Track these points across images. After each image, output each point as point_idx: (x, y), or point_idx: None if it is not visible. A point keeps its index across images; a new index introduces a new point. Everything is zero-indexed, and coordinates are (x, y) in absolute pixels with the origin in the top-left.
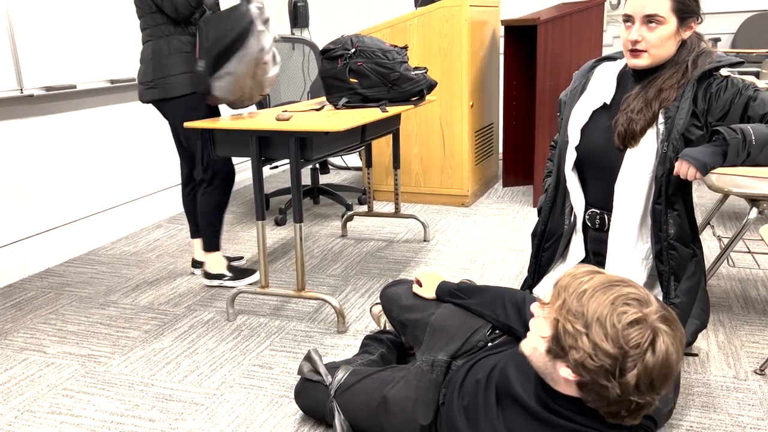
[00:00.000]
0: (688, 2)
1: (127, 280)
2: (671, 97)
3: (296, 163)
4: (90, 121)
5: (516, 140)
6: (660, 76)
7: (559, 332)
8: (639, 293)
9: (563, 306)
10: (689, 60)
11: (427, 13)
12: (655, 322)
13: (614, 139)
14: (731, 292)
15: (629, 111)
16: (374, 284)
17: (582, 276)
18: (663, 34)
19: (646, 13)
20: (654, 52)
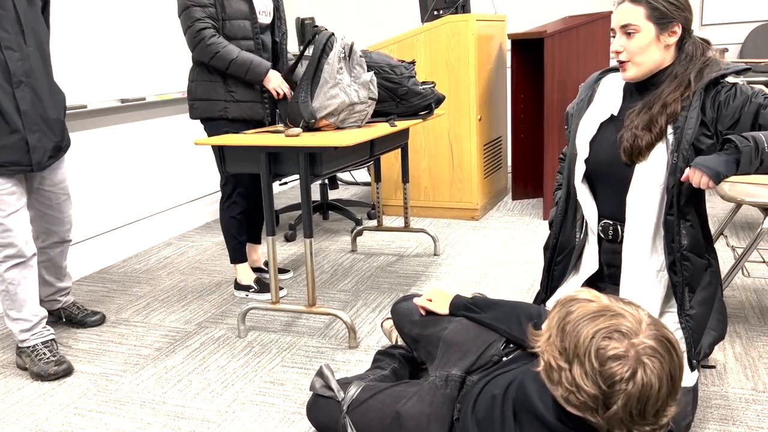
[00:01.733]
0: (664, 8)
1: (138, 298)
2: (677, 111)
3: (306, 178)
4: (101, 140)
5: (525, 153)
6: (662, 89)
7: (546, 366)
8: (627, 323)
9: (548, 340)
10: (692, 72)
11: (434, 28)
12: (640, 354)
13: (620, 155)
14: (747, 303)
15: (633, 127)
16: (385, 299)
17: (570, 305)
18: (641, 42)
19: (622, 23)
20: (637, 60)
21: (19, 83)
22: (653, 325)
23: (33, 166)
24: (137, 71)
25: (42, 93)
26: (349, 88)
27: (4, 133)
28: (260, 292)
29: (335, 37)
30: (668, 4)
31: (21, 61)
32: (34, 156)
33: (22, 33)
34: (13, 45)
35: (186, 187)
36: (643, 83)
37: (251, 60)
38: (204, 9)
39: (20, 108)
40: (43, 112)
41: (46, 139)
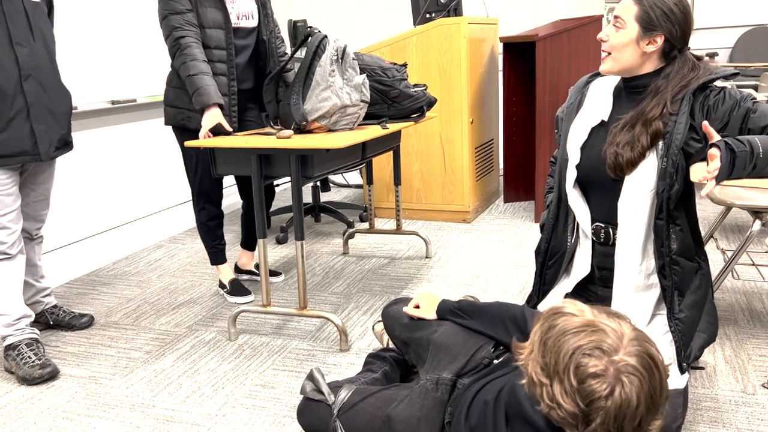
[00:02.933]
0: (653, 15)
1: (128, 301)
2: (660, 129)
3: (297, 180)
4: (91, 141)
5: (516, 156)
6: (644, 105)
7: (529, 380)
8: (608, 339)
9: (531, 354)
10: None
11: (426, 31)
12: (620, 372)
13: (607, 170)
14: (736, 305)
15: (616, 144)
16: (377, 302)
17: (553, 319)
18: (622, 38)
19: (616, 14)
20: (615, 56)
21: (27, 76)
22: (636, 340)
23: (41, 155)
24: (128, 73)
25: (48, 87)
26: (341, 91)
27: (12, 122)
28: (231, 294)
29: (328, 40)
30: (660, 12)
31: (30, 56)
32: (41, 146)
33: (30, 31)
34: (22, 41)
35: (177, 189)
36: (630, 87)
37: (201, 86)
38: (182, 16)
39: (27, 100)
40: (49, 105)
41: (52, 131)
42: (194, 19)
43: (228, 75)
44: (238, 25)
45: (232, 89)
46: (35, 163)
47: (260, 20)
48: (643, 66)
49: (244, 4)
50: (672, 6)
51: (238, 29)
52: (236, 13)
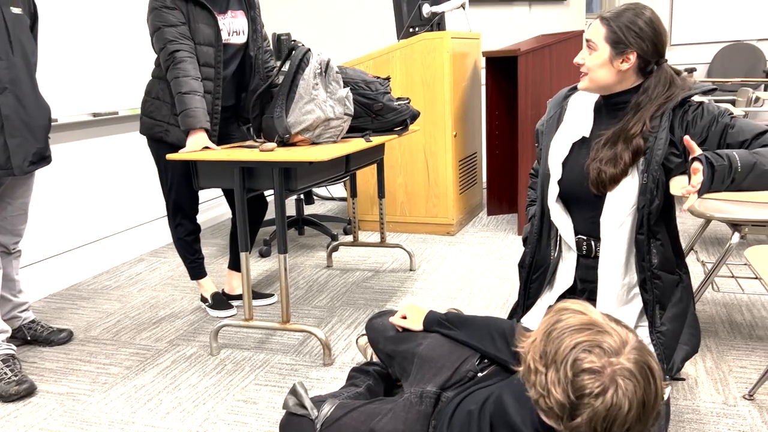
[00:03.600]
0: (621, 34)
1: (108, 315)
2: (641, 146)
3: (280, 193)
4: (72, 154)
5: (499, 169)
6: (625, 121)
7: (525, 367)
8: (612, 342)
9: (533, 342)
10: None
11: (410, 45)
12: (615, 374)
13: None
14: (717, 317)
15: (598, 161)
16: (360, 315)
17: (562, 313)
18: (596, 60)
19: (587, 37)
20: (592, 76)
21: (3, 89)
22: (638, 350)
23: (14, 169)
24: (109, 85)
25: (26, 101)
26: (324, 104)
27: None
28: (213, 308)
29: (311, 53)
30: (627, 31)
31: (7, 69)
32: (15, 160)
33: (9, 44)
34: (0, 53)
35: (159, 202)
36: (610, 103)
37: (190, 107)
38: (176, 28)
39: (2, 113)
40: (26, 118)
41: (27, 144)
42: (188, 32)
43: (213, 93)
44: (227, 41)
45: (216, 107)
46: (11, 177)
47: (249, 36)
48: (621, 83)
49: (236, 20)
50: (640, 22)
51: (228, 45)
52: (227, 30)
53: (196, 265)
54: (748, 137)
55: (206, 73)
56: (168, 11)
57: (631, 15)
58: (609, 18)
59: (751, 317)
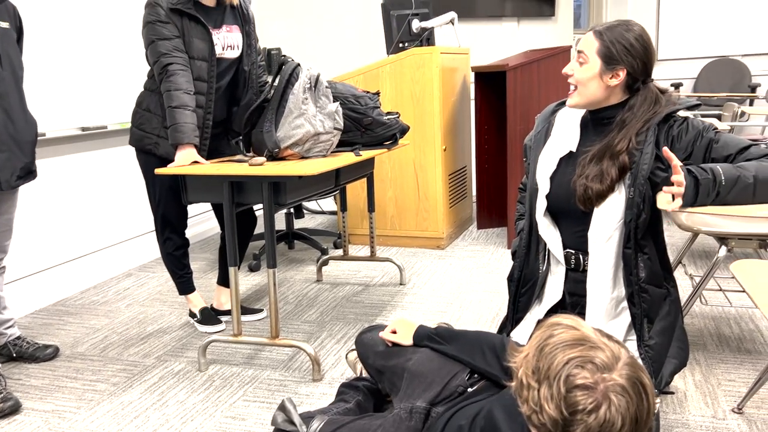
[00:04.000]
0: (614, 49)
1: (95, 331)
2: (626, 162)
3: (270, 207)
4: (60, 169)
5: (489, 183)
6: (610, 137)
7: (518, 382)
8: (604, 357)
9: (526, 357)
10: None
11: (399, 60)
12: (608, 390)
13: (576, 202)
14: (705, 331)
15: (585, 177)
16: (350, 329)
17: (554, 328)
18: (586, 74)
19: (579, 49)
20: (581, 91)
21: None
22: (630, 366)
23: (2, 184)
24: (98, 99)
25: (14, 115)
26: (314, 119)
27: None
28: (201, 323)
29: (301, 68)
30: (620, 47)
31: None
32: (2, 174)
33: None
34: None
35: (147, 216)
36: (597, 118)
37: (179, 122)
38: (170, 41)
39: None
40: (14, 133)
41: (15, 159)
42: (182, 45)
43: (205, 108)
44: (221, 55)
45: (207, 122)
46: None
47: (243, 51)
48: (608, 99)
49: (231, 35)
50: (632, 40)
51: (221, 60)
52: (222, 44)
53: (185, 280)
54: (732, 152)
55: (199, 87)
56: (162, 25)
57: (625, 32)
58: (603, 32)
59: (739, 330)
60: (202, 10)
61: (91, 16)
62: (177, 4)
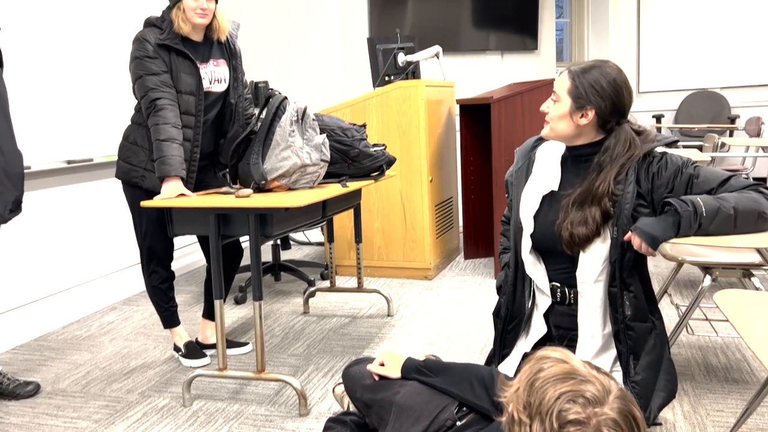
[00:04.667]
0: (582, 90)
1: (77, 367)
2: (609, 208)
3: (256, 239)
4: (45, 202)
5: (475, 213)
6: (590, 180)
7: (509, 417)
8: (595, 391)
9: (516, 392)
10: (614, 168)
11: (386, 93)
12: (600, 424)
13: (562, 247)
14: (692, 360)
15: (569, 222)
16: (337, 362)
17: (543, 362)
18: (558, 111)
19: (554, 88)
20: (553, 126)
21: None
22: (622, 399)
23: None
24: (84, 132)
25: (4, 148)
26: (301, 151)
27: None
28: (186, 357)
29: (288, 101)
30: (589, 87)
31: None
32: None
33: None
34: None
35: (132, 249)
36: (574, 155)
37: (166, 155)
38: (158, 77)
39: None
40: (5, 165)
41: (7, 193)
42: (170, 80)
43: (192, 141)
44: (209, 89)
45: (194, 155)
46: None
47: (230, 84)
48: (580, 137)
49: (218, 69)
50: (603, 83)
51: (209, 93)
52: (209, 78)
53: (170, 313)
54: (713, 185)
55: (186, 120)
56: (150, 60)
57: (596, 73)
58: (575, 72)
59: (726, 360)
60: (190, 45)
61: (76, 49)
62: (165, 39)
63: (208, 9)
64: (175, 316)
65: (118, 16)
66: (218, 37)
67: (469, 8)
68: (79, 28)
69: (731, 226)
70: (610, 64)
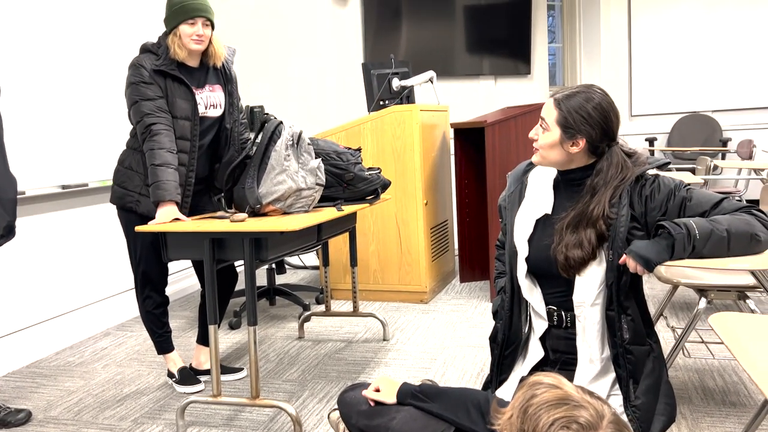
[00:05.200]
0: (571, 120)
1: (70, 394)
2: (603, 230)
3: (251, 264)
4: (40, 227)
5: (470, 236)
6: (584, 204)
7: None
8: (588, 416)
9: (510, 419)
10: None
11: (380, 117)
12: None
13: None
14: (690, 383)
15: (564, 246)
16: (333, 388)
17: (536, 388)
18: (547, 140)
19: (541, 114)
20: (543, 154)
21: None
22: (615, 423)
23: None
24: (79, 156)
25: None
26: (296, 175)
27: None
28: (180, 383)
29: (283, 126)
30: (577, 117)
31: None
32: None
33: None
34: None
35: (126, 274)
36: (567, 179)
37: (161, 180)
38: (153, 102)
39: None
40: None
41: (0, 219)
42: (165, 105)
43: (188, 166)
44: (204, 114)
45: (189, 180)
46: None
47: (226, 109)
48: (571, 162)
49: (214, 94)
50: (589, 109)
51: (204, 118)
52: (204, 104)
53: (164, 339)
54: (706, 208)
55: (181, 145)
56: (146, 86)
57: (582, 100)
58: (561, 101)
59: (723, 383)
60: (186, 70)
61: (71, 74)
62: (161, 65)
63: (204, 35)
64: (169, 341)
65: (113, 41)
66: (214, 63)
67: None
68: (74, 53)
69: (724, 248)
70: (595, 88)
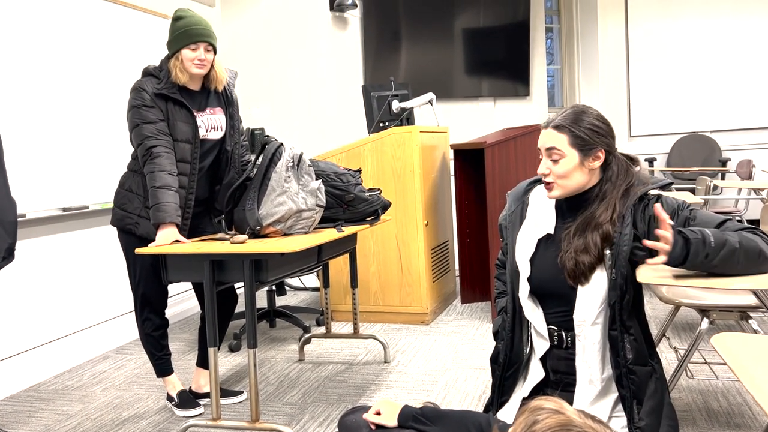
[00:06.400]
0: (586, 137)
1: (68, 418)
2: (610, 232)
3: (251, 286)
4: (40, 250)
5: (471, 256)
6: (592, 211)
7: None
8: None
9: None
10: (618, 194)
11: (380, 138)
12: None
13: (565, 278)
14: (693, 405)
15: (572, 251)
16: (333, 411)
17: (538, 414)
18: (566, 167)
19: (547, 146)
20: (562, 183)
21: None
22: None
23: None
24: (80, 179)
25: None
26: (296, 196)
27: None
28: (179, 407)
29: (284, 148)
30: (590, 132)
31: None
32: None
33: None
34: None
35: (126, 297)
36: (573, 200)
37: (162, 202)
38: (155, 125)
39: None
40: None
41: (0, 240)
42: (166, 128)
43: (188, 188)
44: (205, 137)
45: (189, 202)
46: None
47: (227, 132)
48: (590, 181)
49: (214, 117)
50: (594, 121)
51: (205, 141)
52: (205, 126)
53: (163, 361)
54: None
55: (182, 168)
56: (147, 109)
57: (584, 116)
58: (567, 125)
59: (727, 404)
60: (187, 93)
61: (72, 97)
62: (162, 89)
63: (206, 60)
64: (168, 364)
65: (115, 65)
66: (215, 87)
67: (462, 56)
68: (75, 76)
69: (735, 260)
70: (580, 104)
